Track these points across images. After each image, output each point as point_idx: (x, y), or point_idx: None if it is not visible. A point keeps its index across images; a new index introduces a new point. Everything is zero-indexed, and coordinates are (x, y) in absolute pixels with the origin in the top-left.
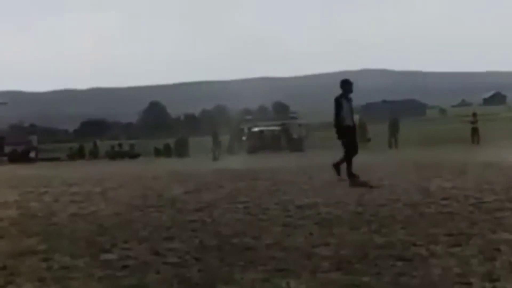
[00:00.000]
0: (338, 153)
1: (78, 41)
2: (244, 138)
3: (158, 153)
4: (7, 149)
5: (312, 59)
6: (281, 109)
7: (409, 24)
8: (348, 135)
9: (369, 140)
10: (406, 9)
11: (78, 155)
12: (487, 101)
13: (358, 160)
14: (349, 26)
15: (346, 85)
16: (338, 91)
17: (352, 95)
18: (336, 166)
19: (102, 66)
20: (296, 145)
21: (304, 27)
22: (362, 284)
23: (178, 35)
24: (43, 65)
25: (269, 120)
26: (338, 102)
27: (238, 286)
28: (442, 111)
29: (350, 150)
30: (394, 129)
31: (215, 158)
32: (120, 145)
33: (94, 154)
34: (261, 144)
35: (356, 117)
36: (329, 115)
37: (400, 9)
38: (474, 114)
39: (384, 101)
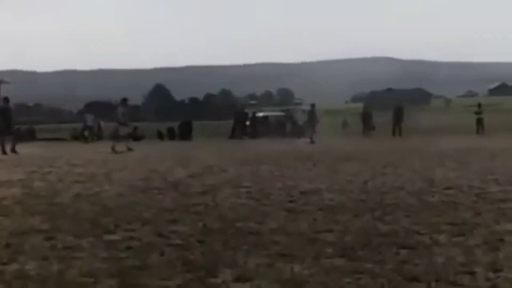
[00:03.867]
0: (342, 139)
1: (84, 23)
2: (248, 123)
3: (161, 136)
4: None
5: (319, 46)
6: (286, 95)
7: (416, 13)
8: None
9: (373, 128)
10: None
11: (82, 135)
12: (492, 92)
13: (361, 147)
14: (357, 14)
15: None
16: (345, 78)
17: (357, 83)
18: None
19: (108, 48)
20: (300, 131)
21: (312, 14)
22: (366, 270)
23: (184, 18)
24: (49, 45)
25: (274, 106)
26: None
27: (241, 270)
28: (448, 101)
29: None
30: (398, 117)
31: (312, 142)
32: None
33: (98, 136)
34: (265, 129)
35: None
36: (334, 101)
37: None
38: (479, 105)
39: (389, 90)
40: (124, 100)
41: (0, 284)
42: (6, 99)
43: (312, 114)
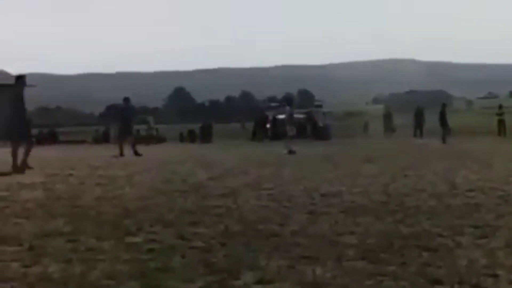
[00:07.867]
0: (361, 141)
1: (105, 26)
2: (268, 125)
3: (183, 138)
4: None
5: (340, 48)
6: (306, 97)
7: (438, 15)
8: None
9: (394, 130)
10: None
11: (103, 138)
12: None
13: (382, 149)
14: (378, 15)
15: None
16: (366, 80)
17: (378, 85)
18: None
19: (129, 51)
20: (321, 133)
21: (334, 15)
22: (388, 273)
23: (203, 20)
24: (72, 48)
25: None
26: None
27: (263, 272)
28: (469, 102)
29: None
30: (419, 119)
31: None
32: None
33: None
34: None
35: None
36: (355, 104)
37: (429, 0)
38: (501, 106)
39: (410, 91)
40: (290, 101)
41: (23, 287)
42: (126, 99)
43: (443, 114)
